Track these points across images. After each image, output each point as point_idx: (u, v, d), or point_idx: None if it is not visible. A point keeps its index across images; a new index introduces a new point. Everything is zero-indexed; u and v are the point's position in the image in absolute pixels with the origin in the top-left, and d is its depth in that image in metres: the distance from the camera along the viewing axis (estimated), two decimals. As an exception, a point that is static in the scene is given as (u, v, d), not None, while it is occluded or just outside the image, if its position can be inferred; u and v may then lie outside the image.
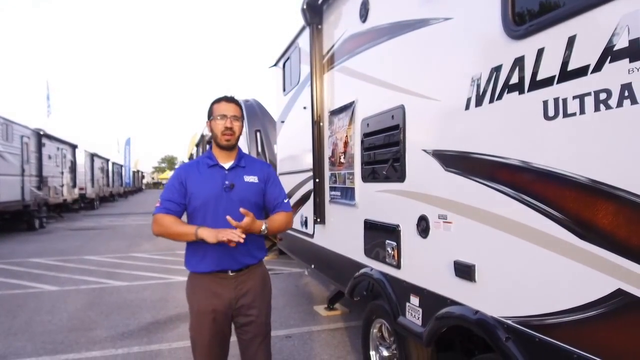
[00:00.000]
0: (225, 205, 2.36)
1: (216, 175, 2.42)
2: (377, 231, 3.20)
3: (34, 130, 16.29)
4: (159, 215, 2.36)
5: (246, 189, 2.44)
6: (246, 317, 2.45)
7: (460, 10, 2.32)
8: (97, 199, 27.81)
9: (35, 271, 8.20)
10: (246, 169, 2.48)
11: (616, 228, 1.51)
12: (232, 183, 2.40)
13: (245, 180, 2.44)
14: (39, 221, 15.62)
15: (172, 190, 2.40)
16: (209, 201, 2.37)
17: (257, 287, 2.48)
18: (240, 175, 2.45)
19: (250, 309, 2.44)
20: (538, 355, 1.81)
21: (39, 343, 4.59)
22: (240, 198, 2.39)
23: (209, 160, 2.46)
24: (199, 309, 2.40)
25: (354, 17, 3.55)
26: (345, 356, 4.16)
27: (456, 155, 2.31)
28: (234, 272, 2.41)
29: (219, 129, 2.40)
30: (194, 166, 2.49)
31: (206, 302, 2.38)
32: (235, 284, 2.41)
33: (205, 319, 2.39)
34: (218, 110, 2.42)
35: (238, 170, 2.46)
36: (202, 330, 2.40)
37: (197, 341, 2.43)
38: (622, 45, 1.47)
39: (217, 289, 2.39)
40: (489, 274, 2.12)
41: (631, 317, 1.47)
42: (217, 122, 2.41)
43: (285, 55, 5.81)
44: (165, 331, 4.90)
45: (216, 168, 2.44)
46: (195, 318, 2.43)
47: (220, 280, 2.39)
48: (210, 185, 2.39)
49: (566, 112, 1.67)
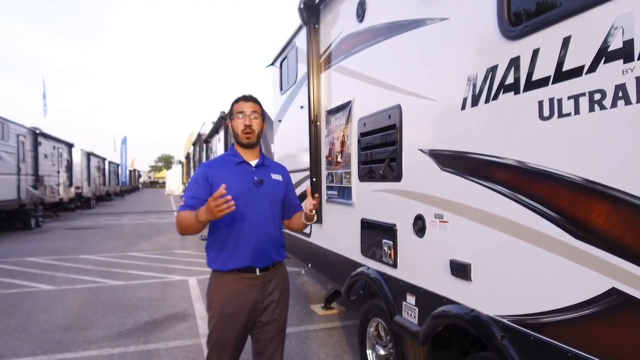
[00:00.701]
0: (255, 199, 2.39)
1: (244, 172, 2.44)
2: (373, 230, 3.21)
3: (30, 129, 16.22)
4: (179, 212, 2.32)
5: (274, 185, 2.50)
6: (270, 316, 2.45)
7: (457, 11, 2.33)
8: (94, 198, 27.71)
9: (31, 270, 8.17)
10: (271, 168, 2.55)
11: (610, 227, 1.52)
12: (262, 179, 2.44)
13: (272, 178, 2.51)
14: (35, 220, 15.56)
15: (197, 188, 2.36)
16: (240, 196, 2.31)
17: (281, 286, 2.50)
18: (267, 172, 2.51)
19: (275, 308, 2.46)
20: (533, 354, 1.82)
21: (36, 342, 4.58)
22: (270, 193, 2.45)
23: (235, 158, 2.47)
24: (224, 312, 2.36)
25: (351, 17, 3.55)
26: (342, 355, 4.17)
27: (452, 154, 2.32)
28: (262, 272, 2.40)
29: (239, 127, 2.43)
30: (219, 163, 2.48)
31: (233, 304, 2.35)
32: (262, 284, 2.40)
33: (231, 322, 2.36)
34: (237, 109, 2.45)
35: (264, 168, 2.51)
36: (226, 333, 2.36)
37: (220, 343, 2.37)
38: (617, 46, 1.48)
39: (245, 290, 2.36)
40: (484, 273, 2.13)
41: (625, 316, 1.48)
42: (236, 121, 2.44)
43: (282, 54, 5.81)
44: (162, 330, 4.90)
45: (243, 165, 2.45)
46: (219, 320, 2.37)
47: (247, 281, 2.37)
48: (240, 181, 2.39)
49: (561, 113, 1.68)
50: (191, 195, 2.35)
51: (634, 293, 1.44)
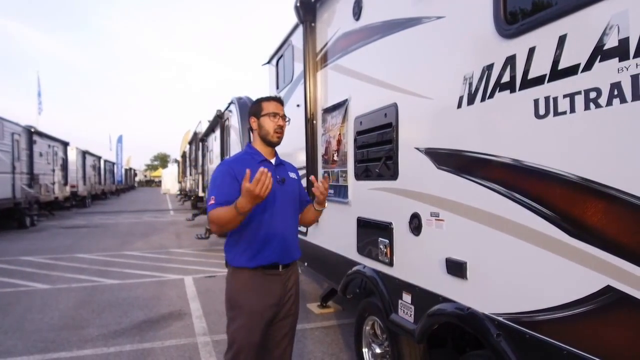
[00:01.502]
0: (280, 197, 2.43)
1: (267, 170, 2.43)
2: (370, 229, 3.21)
3: (25, 127, 16.13)
4: (212, 211, 2.25)
5: (293, 183, 2.58)
6: (288, 311, 2.50)
7: (453, 9, 2.33)
8: (89, 197, 27.61)
9: (26, 269, 8.13)
10: (286, 167, 2.63)
11: (605, 226, 1.52)
12: (283, 177, 2.50)
13: (290, 176, 2.59)
14: (30, 219, 15.49)
15: (225, 185, 2.33)
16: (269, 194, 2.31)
17: (297, 282, 2.57)
18: (285, 171, 2.59)
19: (293, 303, 2.52)
20: (528, 352, 1.83)
21: (31, 341, 4.56)
22: (290, 192, 2.53)
23: (257, 156, 2.49)
24: (252, 310, 2.33)
25: (347, 15, 3.55)
26: (338, 353, 4.17)
27: (448, 153, 2.33)
28: (284, 268, 2.44)
29: (271, 126, 2.46)
30: (241, 161, 2.44)
31: (261, 301, 2.35)
32: (284, 279, 2.45)
33: (260, 320, 2.35)
34: (269, 108, 2.47)
35: (282, 167, 2.59)
36: (254, 333, 2.33)
37: (247, 345, 2.33)
38: (612, 45, 1.49)
39: (270, 286, 2.38)
40: (480, 271, 2.13)
41: (620, 314, 1.49)
42: (269, 120, 2.46)
43: (279, 52, 5.79)
44: (158, 329, 4.88)
45: (265, 163, 2.48)
46: (247, 319, 2.33)
47: (271, 278, 2.39)
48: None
49: (557, 111, 1.69)
50: (221, 193, 2.31)
51: (629, 291, 1.45)
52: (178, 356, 4.17)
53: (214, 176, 2.44)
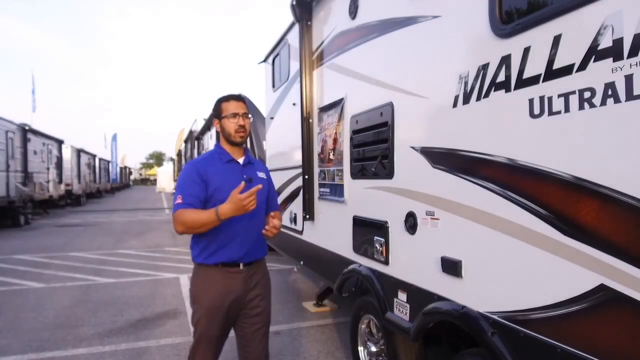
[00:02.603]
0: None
1: (234, 170, 2.49)
2: (365, 228, 3.22)
3: (19, 125, 16.05)
4: (181, 211, 2.31)
5: (260, 183, 2.52)
6: (257, 308, 2.53)
7: (449, 9, 2.33)
8: (84, 195, 27.49)
9: (20, 268, 8.09)
10: (255, 166, 2.63)
11: (599, 224, 1.53)
12: (250, 177, 2.50)
13: (258, 176, 2.60)
14: (24, 217, 15.41)
15: (192, 185, 2.37)
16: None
17: (264, 280, 2.59)
18: (254, 170, 2.59)
19: (261, 299, 2.54)
20: (522, 350, 1.84)
21: (25, 340, 4.54)
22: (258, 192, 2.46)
23: (223, 156, 2.51)
24: (210, 304, 2.41)
25: (343, 14, 3.55)
26: (334, 352, 4.18)
27: (444, 152, 2.33)
28: (245, 266, 2.47)
29: (232, 127, 2.47)
30: (209, 161, 2.50)
31: (219, 297, 2.41)
32: (245, 277, 2.47)
33: (217, 314, 2.42)
34: (229, 109, 2.48)
35: (250, 166, 2.59)
36: (212, 325, 2.42)
37: (206, 336, 2.44)
38: (606, 45, 1.49)
39: (229, 283, 2.43)
40: (475, 269, 2.14)
41: (613, 312, 1.50)
42: (229, 121, 2.47)
43: (275, 51, 5.79)
44: (153, 328, 4.88)
45: (232, 163, 2.52)
46: (205, 313, 2.42)
47: (231, 275, 2.44)
48: (232, 179, 2.42)
49: (551, 111, 1.69)
50: (189, 192, 2.36)
51: (622, 289, 1.46)
52: (173, 355, 4.17)
53: (181, 176, 2.49)
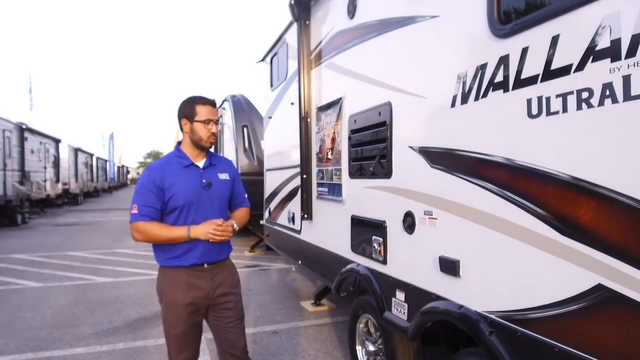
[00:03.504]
0: (205, 202, 2.45)
1: (193, 175, 2.47)
2: (363, 227, 3.22)
3: (16, 124, 15.99)
4: (141, 223, 2.36)
5: (221, 186, 2.55)
6: (226, 304, 2.53)
7: (447, 9, 2.33)
8: (81, 194, 27.43)
9: (17, 267, 8.07)
10: (217, 167, 2.59)
11: (597, 224, 1.54)
12: (210, 181, 2.49)
13: (220, 178, 2.56)
14: (22, 217, 15.37)
15: (149, 195, 2.38)
16: (192, 201, 2.42)
17: (230, 277, 2.59)
18: (215, 173, 2.55)
19: (228, 295, 2.54)
20: (520, 349, 1.84)
21: (22, 340, 4.53)
22: (217, 195, 2.52)
23: (182, 160, 2.48)
24: (175, 302, 2.42)
25: (341, 14, 3.55)
26: (332, 351, 4.18)
27: (442, 152, 2.34)
28: (210, 265, 2.48)
29: (204, 133, 2.45)
30: (166, 166, 2.46)
31: (184, 295, 2.42)
32: (210, 275, 2.48)
33: (182, 312, 2.42)
34: (205, 114, 2.46)
35: (212, 168, 2.55)
36: (178, 323, 2.44)
37: (172, 333, 2.46)
38: (604, 45, 1.50)
39: (195, 281, 2.44)
40: (473, 269, 2.15)
41: (610, 312, 1.51)
42: (202, 126, 2.45)
43: (273, 50, 5.78)
44: (151, 327, 4.87)
45: (192, 167, 2.49)
46: (171, 311, 2.44)
47: (197, 274, 2.44)
48: (190, 186, 2.43)
49: (549, 111, 1.70)
50: (145, 203, 2.37)
51: (619, 289, 1.46)
52: (171, 354, 4.16)
53: (138, 182, 2.47)
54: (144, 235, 2.38)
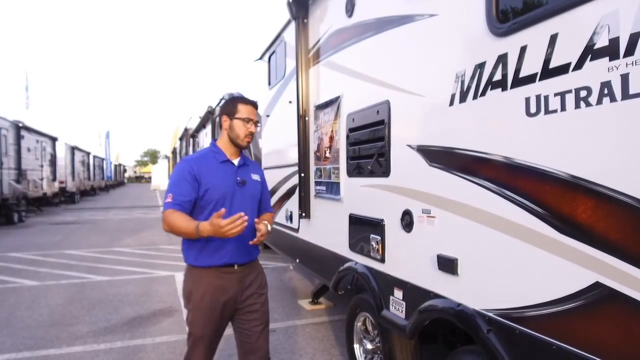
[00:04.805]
0: (239, 199, 2.45)
1: (228, 171, 2.48)
2: (361, 225, 3.22)
3: (12, 122, 15.93)
4: (169, 211, 2.32)
5: (253, 186, 2.57)
6: (254, 306, 2.52)
7: (445, 7, 2.34)
8: (78, 193, 27.33)
9: (14, 266, 8.05)
10: (250, 168, 2.61)
11: (595, 222, 1.55)
12: (244, 179, 2.50)
13: (252, 178, 2.59)
14: (18, 215, 15.31)
15: (184, 184, 2.36)
16: (226, 196, 2.41)
17: (259, 279, 2.59)
18: (248, 172, 2.58)
19: (257, 298, 2.54)
20: (518, 347, 1.85)
21: (19, 338, 4.52)
22: (250, 194, 2.53)
23: (219, 156, 2.50)
24: (204, 305, 2.39)
25: (340, 12, 3.54)
26: (330, 350, 4.19)
27: (440, 150, 2.34)
28: (240, 267, 2.46)
29: (242, 131, 2.48)
30: (203, 160, 2.46)
31: (213, 297, 2.40)
32: (240, 277, 2.47)
33: (212, 315, 2.41)
34: (246, 113, 2.48)
35: (245, 168, 2.58)
36: (207, 326, 2.41)
37: (200, 337, 2.42)
38: (603, 44, 1.50)
39: (224, 283, 2.42)
40: (471, 267, 2.15)
41: (608, 309, 1.51)
42: (242, 124, 2.48)
43: (271, 48, 5.77)
44: (148, 326, 4.87)
45: (227, 164, 2.50)
46: (200, 314, 2.41)
47: (226, 275, 2.42)
48: (226, 181, 2.43)
49: (548, 109, 1.70)
50: (179, 192, 2.35)
51: (617, 287, 1.47)
52: (169, 352, 4.16)
53: (173, 173, 2.46)
54: (168, 224, 2.31)
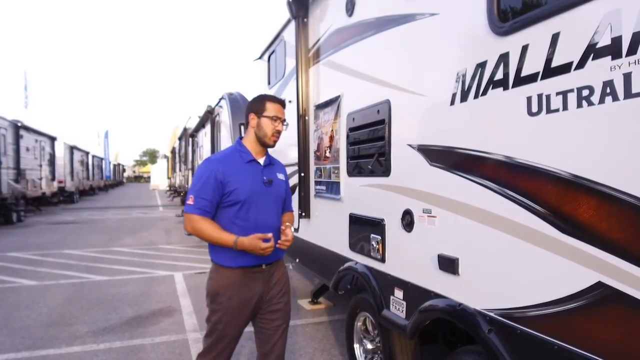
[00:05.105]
0: (266, 199, 2.44)
1: (255, 171, 2.46)
2: (362, 225, 3.21)
3: (11, 121, 15.90)
4: (196, 217, 2.33)
5: (279, 185, 2.56)
6: (277, 305, 2.52)
7: (446, 6, 2.33)
8: (77, 193, 27.30)
9: (13, 266, 8.03)
10: (275, 167, 2.60)
11: (596, 222, 1.54)
12: (271, 179, 2.48)
13: (278, 177, 2.57)
14: (17, 215, 15.29)
15: (207, 187, 2.34)
16: (253, 196, 2.39)
17: (283, 277, 2.60)
18: (274, 172, 2.57)
19: (281, 296, 2.54)
20: (520, 347, 1.85)
21: (18, 338, 4.50)
22: (276, 193, 2.52)
23: (245, 155, 2.47)
24: (231, 305, 2.39)
25: (340, 11, 3.54)
26: (329, 349, 4.18)
27: (441, 150, 2.33)
28: (267, 266, 2.46)
29: (270, 129, 2.45)
30: (228, 160, 2.44)
31: (240, 298, 2.39)
32: (266, 276, 2.47)
33: (240, 313, 2.41)
34: (274, 111, 2.46)
35: (271, 167, 2.57)
36: (234, 325, 2.41)
37: (227, 336, 2.41)
38: (605, 43, 1.50)
39: (251, 282, 2.42)
40: (472, 267, 2.14)
41: (610, 309, 1.51)
42: (270, 122, 2.45)
43: (271, 48, 5.76)
44: (148, 326, 4.86)
45: (253, 164, 2.48)
46: (228, 313, 2.39)
47: (253, 275, 2.42)
48: (252, 181, 2.41)
49: (549, 109, 1.70)
50: (202, 196, 2.34)
51: (619, 286, 1.46)
52: (168, 352, 4.15)
53: (198, 172, 2.44)
54: (194, 231, 2.35)
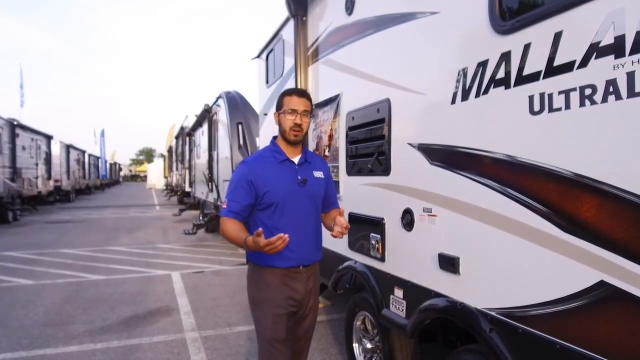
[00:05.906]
0: (301, 200, 2.37)
1: (288, 171, 2.39)
2: (361, 224, 3.21)
3: (7, 120, 15.83)
4: (224, 219, 2.32)
5: (316, 184, 2.45)
6: (309, 310, 2.49)
7: (447, 5, 2.32)
8: (73, 192, 27.20)
9: (9, 265, 7.99)
10: (312, 164, 2.49)
11: (599, 221, 1.54)
12: (305, 178, 2.39)
13: (315, 176, 2.46)
14: (13, 214, 15.22)
15: (239, 190, 2.32)
16: (286, 198, 2.33)
17: (317, 282, 2.56)
18: (310, 170, 2.45)
19: (314, 302, 2.51)
20: (521, 346, 1.84)
21: (15, 338, 4.48)
22: (312, 193, 2.42)
23: (278, 155, 2.41)
24: (275, 306, 2.34)
25: (339, 10, 3.53)
26: (328, 349, 4.18)
27: (441, 148, 2.33)
28: (305, 267, 2.41)
29: (287, 124, 2.36)
30: (261, 162, 2.40)
31: (285, 297, 2.35)
32: (305, 278, 2.42)
33: (283, 315, 2.35)
34: (289, 104, 2.36)
35: (307, 165, 2.46)
36: (280, 327, 2.34)
37: (277, 339, 2.33)
38: (608, 42, 1.49)
39: (293, 283, 2.37)
40: (473, 266, 2.14)
41: (613, 308, 1.51)
42: (286, 117, 2.36)
43: (269, 46, 5.75)
44: (145, 325, 4.84)
45: (287, 163, 2.40)
46: (271, 316, 2.34)
47: (294, 275, 2.38)
48: (286, 182, 2.35)
49: (552, 107, 1.69)
50: (233, 199, 2.32)
51: (622, 285, 1.46)
52: (166, 352, 4.13)
53: (233, 176, 2.41)
54: (223, 231, 2.32)
